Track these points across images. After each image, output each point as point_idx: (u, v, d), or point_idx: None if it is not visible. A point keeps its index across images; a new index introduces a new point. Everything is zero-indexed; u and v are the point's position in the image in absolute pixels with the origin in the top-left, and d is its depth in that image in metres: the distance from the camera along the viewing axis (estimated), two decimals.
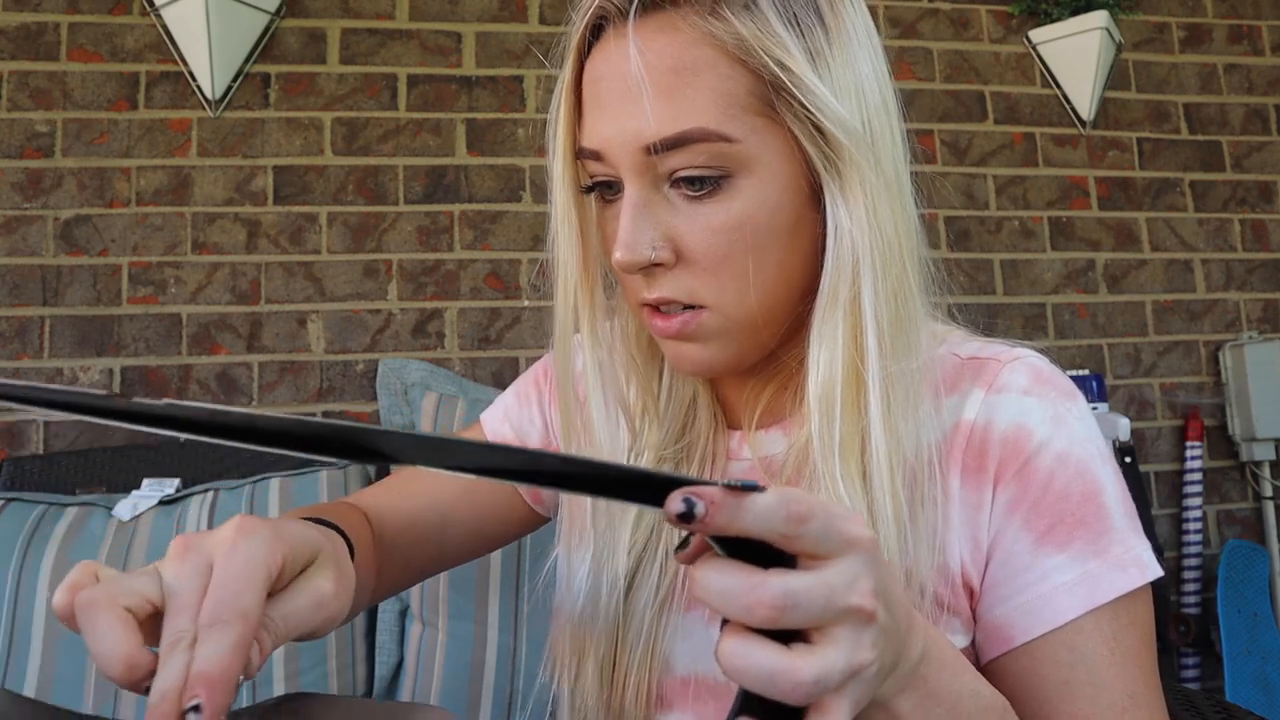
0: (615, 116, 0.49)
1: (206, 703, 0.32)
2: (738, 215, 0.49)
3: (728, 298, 0.51)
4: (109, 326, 1.63)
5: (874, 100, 0.51)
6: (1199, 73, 2.07)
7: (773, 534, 0.30)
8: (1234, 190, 2.05)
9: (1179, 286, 2.00)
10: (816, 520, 0.31)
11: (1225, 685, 1.77)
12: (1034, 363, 0.55)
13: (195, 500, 1.27)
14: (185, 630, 0.33)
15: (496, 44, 1.81)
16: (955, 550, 0.52)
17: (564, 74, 0.53)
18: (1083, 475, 0.52)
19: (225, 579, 0.35)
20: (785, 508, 0.30)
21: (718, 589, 0.31)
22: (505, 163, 1.78)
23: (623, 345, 0.61)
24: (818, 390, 0.50)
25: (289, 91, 1.73)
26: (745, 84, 0.48)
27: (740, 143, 0.48)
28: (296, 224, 1.70)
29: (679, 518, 0.29)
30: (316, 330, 1.68)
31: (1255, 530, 1.97)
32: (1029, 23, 2.00)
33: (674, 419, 0.60)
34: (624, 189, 0.51)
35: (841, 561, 0.31)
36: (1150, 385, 1.97)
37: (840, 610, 0.31)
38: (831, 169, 0.49)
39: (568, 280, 0.56)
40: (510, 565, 1.29)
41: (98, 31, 1.68)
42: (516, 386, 0.76)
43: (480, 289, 1.75)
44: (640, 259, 0.50)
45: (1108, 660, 0.50)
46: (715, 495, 0.29)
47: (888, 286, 0.50)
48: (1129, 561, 0.51)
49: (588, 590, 0.58)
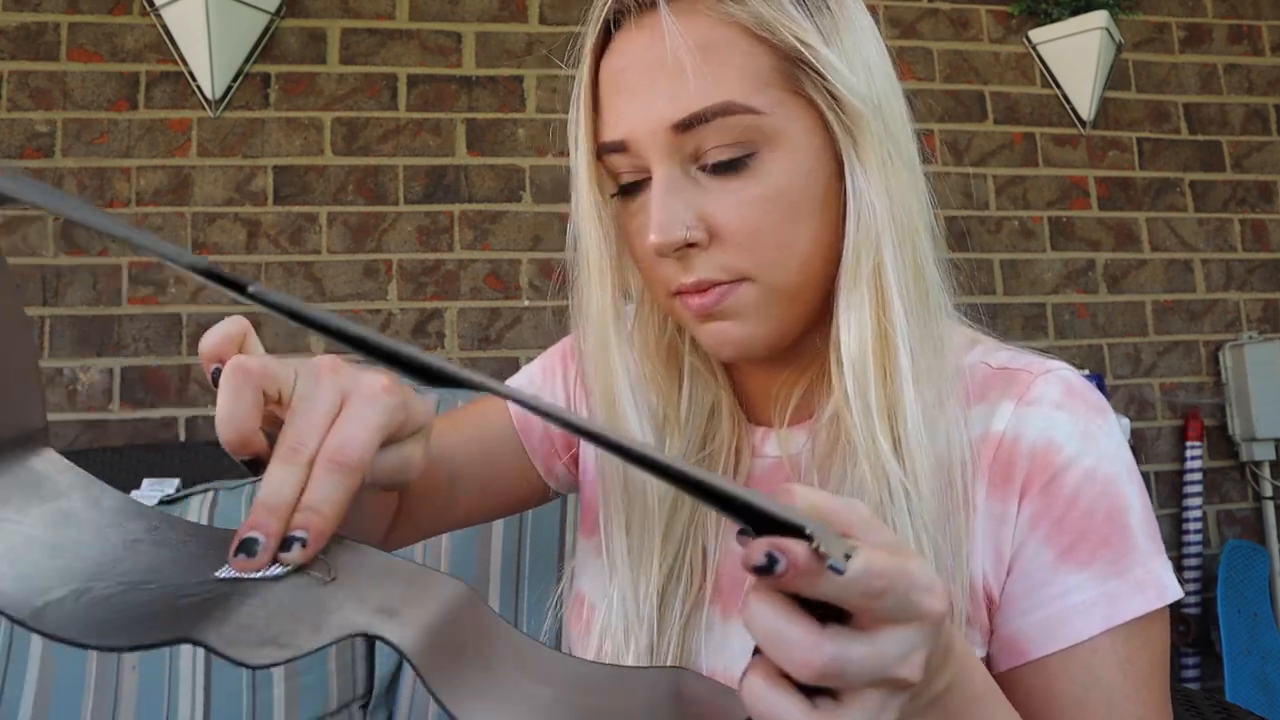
0: (640, 101, 0.50)
1: (311, 539, 0.33)
2: (770, 188, 0.49)
3: (766, 269, 0.51)
4: (109, 326, 1.63)
5: (882, 80, 0.52)
6: (1199, 73, 2.07)
7: (843, 602, 0.29)
8: (1234, 190, 2.05)
9: (1179, 286, 2.00)
10: (893, 595, 0.29)
11: (1225, 685, 1.77)
12: (1066, 376, 0.55)
13: (195, 500, 1.27)
14: (306, 445, 0.35)
15: (496, 44, 1.81)
16: (978, 561, 0.52)
17: (581, 73, 0.53)
18: (1109, 493, 0.51)
19: (357, 425, 0.36)
20: (865, 584, 0.29)
21: (772, 631, 0.30)
22: (505, 163, 1.78)
23: (641, 358, 0.60)
24: (849, 355, 0.50)
25: (289, 91, 1.73)
26: (768, 60, 0.49)
27: (767, 115, 0.49)
28: (296, 224, 1.70)
29: (756, 570, 0.28)
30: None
31: (1255, 530, 1.97)
32: (1029, 23, 2.00)
33: (695, 429, 0.60)
34: (649, 180, 0.51)
35: (902, 631, 0.30)
36: (1150, 385, 1.97)
37: (883, 680, 0.30)
38: (849, 137, 0.50)
39: (603, 276, 0.55)
40: (510, 565, 1.29)
41: (98, 31, 1.68)
42: (542, 361, 0.74)
43: (480, 289, 1.75)
44: (675, 239, 0.49)
45: (1121, 681, 0.49)
46: (799, 559, 0.28)
47: (906, 253, 0.51)
48: (1149, 583, 0.50)
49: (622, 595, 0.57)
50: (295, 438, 0.35)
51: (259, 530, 0.33)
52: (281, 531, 0.33)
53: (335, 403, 0.37)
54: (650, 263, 0.53)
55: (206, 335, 0.38)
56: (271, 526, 0.33)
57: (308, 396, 0.36)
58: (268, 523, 0.33)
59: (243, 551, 0.33)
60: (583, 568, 0.65)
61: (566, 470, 0.71)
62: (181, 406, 1.64)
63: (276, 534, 0.33)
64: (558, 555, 1.25)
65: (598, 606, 0.59)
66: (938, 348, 0.52)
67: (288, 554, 0.33)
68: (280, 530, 0.33)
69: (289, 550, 0.33)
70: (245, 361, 0.36)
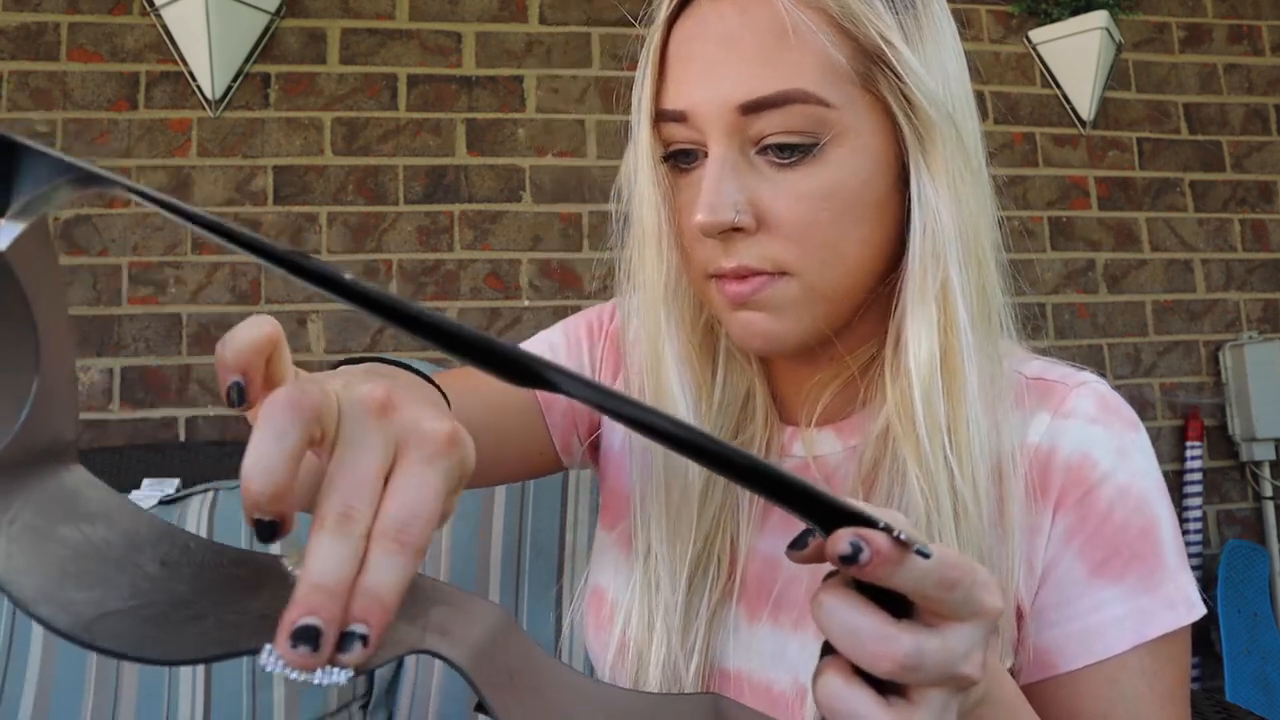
0: (709, 75, 0.48)
1: (373, 637, 0.26)
2: (828, 184, 0.48)
3: (811, 266, 0.49)
4: (109, 326, 1.63)
5: (959, 90, 0.51)
6: (1199, 73, 2.07)
7: (917, 594, 0.30)
8: (1234, 190, 2.05)
9: (1179, 286, 2.00)
10: (962, 589, 0.30)
11: (1225, 685, 1.77)
12: (1100, 390, 0.55)
13: (195, 500, 1.27)
14: (360, 511, 0.27)
15: (496, 44, 1.81)
16: (1011, 572, 0.52)
17: (652, 37, 0.51)
18: (1142, 510, 0.51)
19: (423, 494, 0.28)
20: (941, 572, 0.30)
21: (847, 627, 0.30)
22: (505, 163, 1.78)
23: (679, 334, 0.57)
24: (918, 368, 0.48)
25: (289, 91, 1.73)
26: (847, 52, 0.47)
27: (837, 109, 0.47)
28: (296, 224, 1.70)
29: (841, 559, 0.29)
30: (317, 330, 1.68)
31: (1255, 530, 1.97)
32: (1029, 23, 2.00)
33: (729, 414, 0.58)
34: (705, 155, 0.49)
35: (966, 628, 0.31)
36: (1150, 385, 1.97)
37: (950, 676, 0.31)
38: (919, 145, 0.48)
39: (660, 244, 0.53)
40: (510, 565, 1.29)
41: (98, 31, 1.68)
42: (565, 326, 0.71)
43: (480, 289, 1.75)
44: (723, 220, 0.48)
45: (1148, 697, 0.49)
46: (883, 547, 0.29)
47: (972, 271, 0.49)
48: (1179, 600, 0.50)
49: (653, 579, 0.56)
50: (345, 502, 0.27)
51: (318, 616, 0.25)
52: (341, 620, 0.26)
53: (388, 456, 0.29)
54: (693, 240, 0.51)
55: (229, 339, 0.31)
56: (331, 612, 0.26)
57: (356, 443, 0.28)
58: (327, 608, 0.25)
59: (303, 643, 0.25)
60: (602, 562, 0.64)
61: (582, 447, 0.69)
62: (181, 406, 1.64)
63: (337, 621, 0.26)
64: (558, 555, 1.25)
65: (620, 600, 0.58)
66: (997, 367, 0.51)
67: (347, 655, 0.26)
68: (340, 617, 0.26)
69: (348, 650, 0.26)
70: (298, 397, 0.28)
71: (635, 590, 0.57)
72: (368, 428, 0.29)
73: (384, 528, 0.27)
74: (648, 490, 0.57)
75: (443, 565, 1.23)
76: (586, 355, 0.70)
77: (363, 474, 0.28)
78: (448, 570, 1.28)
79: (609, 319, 0.70)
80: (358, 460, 0.28)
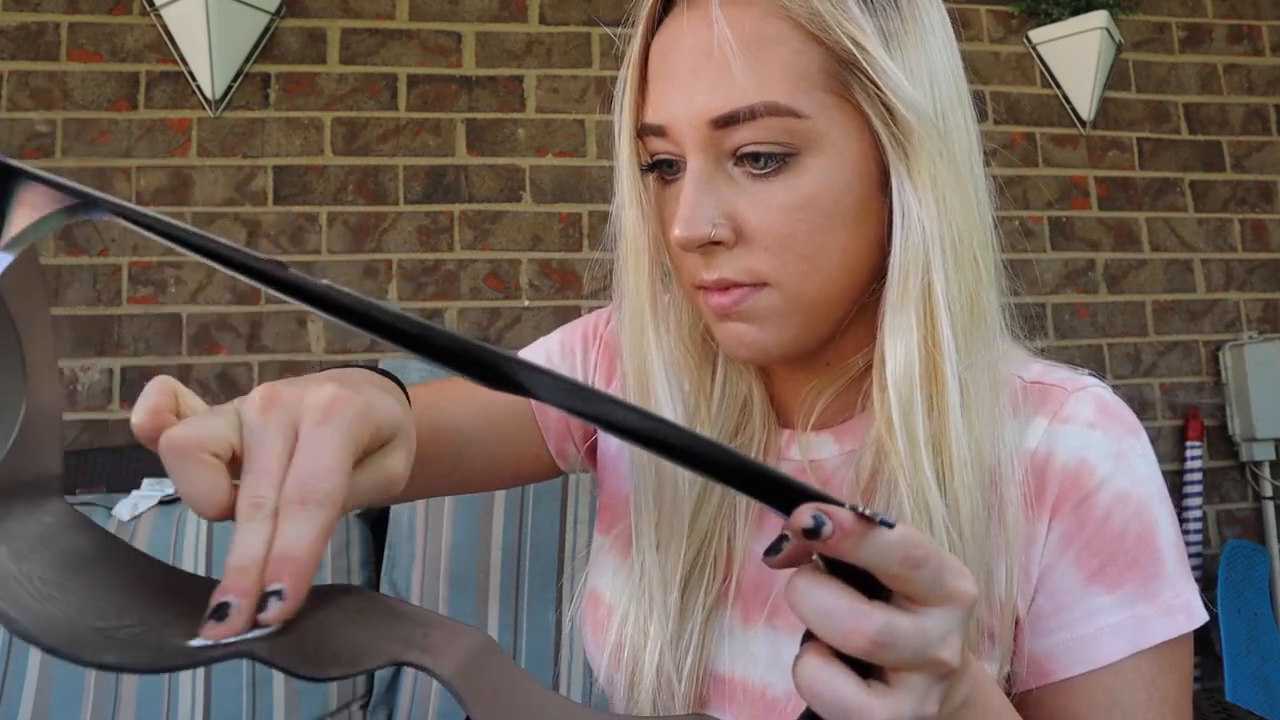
0: (682, 90, 0.48)
1: (290, 589, 0.29)
2: (804, 194, 0.47)
3: (789, 277, 0.49)
4: (109, 326, 1.63)
5: (947, 91, 0.50)
6: (1199, 73, 2.07)
7: (884, 571, 0.30)
8: (1234, 190, 2.05)
9: (1179, 286, 2.00)
10: (929, 568, 0.31)
11: (1225, 685, 1.77)
12: (1100, 394, 0.54)
13: None
14: (266, 497, 0.30)
15: (496, 44, 1.81)
16: (1009, 579, 0.52)
17: (631, 48, 0.52)
18: (1140, 516, 0.51)
19: (316, 453, 0.31)
20: (905, 550, 0.30)
21: (820, 607, 0.31)
22: (505, 163, 1.78)
23: (676, 340, 0.58)
24: (895, 383, 0.48)
25: (289, 91, 1.73)
26: (818, 60, 0.47)
27: (810, 119, 0.47)
28: (296, 224, 1.70)
29: (805, 532, 0.29)
30: (316, 330, 1.68)
31: (1255, 530, 1.97)
32: (1029, 23, 2.00)
33: (727, 418, 0.58)
34: (685, 166, 0.49)
35: (940, 612, 0.31)
36: (1150, 385, 1.97)
37: (926, 660, 0.31)
38: (899, 151, 0.48)
39: (639, 256, 0.54)
40: (510, 566, 1.29)
41: (98, 31, 1.68)
42: (562, 335, 0.72)
43: (480, 289, 1.75)
44: (700, 235, 0.48)
45: (1144, 705, 0.49)
46: (846, 521, 0.29)
47: (961, 279, 0.48)
48: (1177, 607, 0.50)
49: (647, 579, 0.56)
50: (253, 493, 0.30)
51: (230, 593, 0.28)
52: (256, 590, 0.29)
53: (288, 438, 0.32)
54: (678, 252, 0.52)
55: (133, 416, 0.33)
56: (242, 585, 0.29)
57: (254, 441, 0.32)
58: (239, 583, 0.29)
59: (214, 618, 0.28)
60: (599, 565, 0.64)
61: (578, 453, 0.69)
62: None
63: (250, 592, 0.29)
64: (558, 555, 1.25)
65: (616, 603, 0.58)
66: (991, 375, 0.50)
67: (266, 613, 0.29)
68: (254, 588, 0.29)
69: (266, 609, 0.29)
70: (175, 438, 0.31)
71: (630, 593, 0.57)
72: (260, 424, 0.32)
73: (287, 496, 0.30)
74: (644, 493, 0.57)
75: (443, 565, 1.23)
76: (580, 362, 0.70)
77: (263, 464, 0.31)
78: (448, 570, 1.28)
79: (604, 325, 0.70)
80: (256, 455, 0.31)
